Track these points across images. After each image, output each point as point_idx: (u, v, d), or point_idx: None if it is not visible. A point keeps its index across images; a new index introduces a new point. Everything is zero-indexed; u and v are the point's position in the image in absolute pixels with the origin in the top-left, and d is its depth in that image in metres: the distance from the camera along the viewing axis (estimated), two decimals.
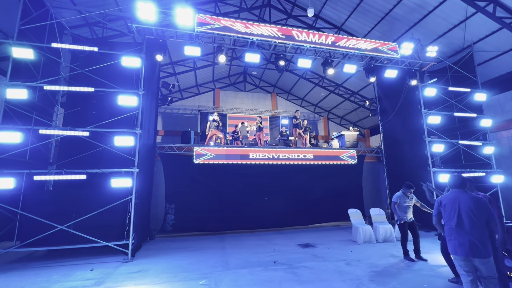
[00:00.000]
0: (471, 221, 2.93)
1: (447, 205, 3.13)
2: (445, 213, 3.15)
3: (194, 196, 8.98)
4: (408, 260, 5.40)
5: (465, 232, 2.94)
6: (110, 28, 8.25)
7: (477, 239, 2.87)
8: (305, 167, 10.12)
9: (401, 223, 5.57)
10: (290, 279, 4.43)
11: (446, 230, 3.14)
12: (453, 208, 3.07)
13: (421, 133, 8.57)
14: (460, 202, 3.05)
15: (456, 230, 3.00)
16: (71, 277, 4.69)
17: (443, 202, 3.20)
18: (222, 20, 7.46)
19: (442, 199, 3.23)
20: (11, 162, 5.73)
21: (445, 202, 3.17)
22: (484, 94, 8.48)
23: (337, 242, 7.27)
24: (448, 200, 3.15)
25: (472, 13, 7.67)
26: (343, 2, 9.34)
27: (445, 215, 3.15)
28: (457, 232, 3.00)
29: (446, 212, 3.14)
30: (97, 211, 5.83)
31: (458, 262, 3.02)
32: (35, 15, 6.37)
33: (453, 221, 3.03)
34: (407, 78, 8.94)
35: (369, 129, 16.74)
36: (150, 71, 7.40)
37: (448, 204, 3.13)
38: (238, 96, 15.94)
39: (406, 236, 5.55)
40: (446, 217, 3.14)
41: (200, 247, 6.97)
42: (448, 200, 3.15)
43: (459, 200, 3.06)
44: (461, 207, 3.02)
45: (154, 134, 8.51)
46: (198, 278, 4.59)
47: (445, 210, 3.15)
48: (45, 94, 6.84)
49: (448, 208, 3.12)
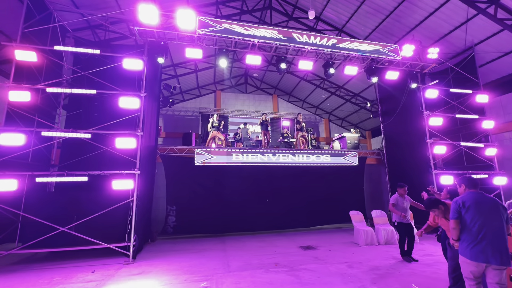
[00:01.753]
0: (498, 225, 2.71)
1: (472, 207, 2.81)
2: (468, 216, 2.82)
3: (195, 198, 8.98)
4: (405, 261, 5.50)
5: (490, 237, 2.68)
6: (112, 30, 8.30)
7: (503, 245, 2.65)
8: (306, 168, 10.10)
9: (398, 223, 5.68)
10: (291, 282, 4.42)
11: (467, 235, 2.80)
12: (478, 211, 2.78)
13: (423, 134, 8.55)
14: (484, 204, 2.80)
15: (480, 235, 2.71)
16: (72, 279, 4.70)
17: (466, 203, 2.85)
18: (224, 23, 7.50)
19: (465, 200, 2.88)
20: (13, 164, 5.75)
21: (469, 204, 2.83)
22: (486, 95, 8.46)
23: (338, 244, 7.25)
24: (472, 202, 2.83)
25: (473, 14, 7.67)
26: (344, 4, 9.36)
27: (468, 217, 2.82)
28: (482, 237, 2.70)
29: (469, 215, 2.81)
30: (98, 213, 5.84)
31: (472, 268, 2.74)
32: (38, 18, 6.43)
33: (478, 224, 2.74)
34: (409, 79, 8.94)
35: (370, 131, 16.70)
36: (152, 73, 7.43)
37: (472, 206, 2.81)
38: (239, 98, 15.97)
39: (404, 236, 5.64)
40: (469, 220, 2.81)
41: (201, 249, 6.96)
42: (472, 201, 2.84)
43: (482, 202, 2.81)
44: (486, 210, 2.77)
45: (156, 136, 8.52)
46: (199, 280, 4.58)
47: (468, 213, 2.82)
48: (47, 97, 6.89)
49: (473, 210, 2.80)
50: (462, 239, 2.87)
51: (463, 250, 2.85)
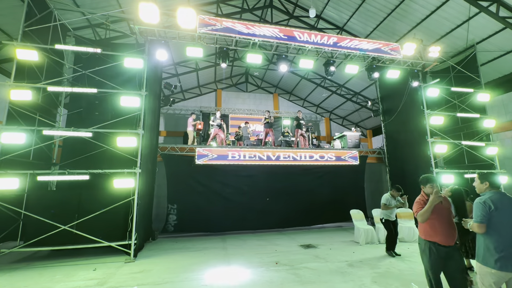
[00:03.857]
0: None
1: (503, 210, 2.50)
2: (498, 220, 2.49)
3: (196, 197, 8.99)
4: (388, 254, 5.90)
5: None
6: (113, 29, 8.30)
7: None
8: (307, 167, 10.10)
9: (385, 220, 6.08)
10: (291, 280, 4.43)
11: (496, 241, 2.47)
12: (509, 214, 2.50)
13: (424, 133, 8.52)
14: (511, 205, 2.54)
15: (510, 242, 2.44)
16: (74, 277, 4.72)
17: (496, 205, 2.51)
18: (224, 21, 7.48)
19: (494, 201, 2.54)
20: (15, 162, 5.78)
21: (499, 206, 2.51)
22: (488, 94, 8.42)
23: (339, 243, 7.25)
24: (503, 204, 2.53)
25: (475, 13, 7.63)
26: (345, 2, 9.33)
27: (498, 221, 2.49)
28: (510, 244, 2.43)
29: (499, 219, 2.49)
30: (99, 211, 5.86)
31: (495, 278, 2.45)
32: (39, 17, 6.43)
33: (508, 229, 2.47)
34: (410, 78, 8.91)
35: (371, 130, 16.69)
36: (153, 72, 7.44)
37: (504, 209, 2.51)
38: (240, 96, 15.96)
39: (391, 232, 6.00)
40: (499, 224, 2.48)
41: (202, 247, 6.98)
42: (502, 203, 2.53)
43: (509, 204, 2.55)
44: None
45: (157, 134, 8.54)
46: (200, 278, 4.60)
47: (499, 216, 2.50)
48: (48, 95, 6.90)
49: (505, 213, 2.50)
50: (487, 247, 2.52)
51: (486, 258, 2.51)
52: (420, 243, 3.17)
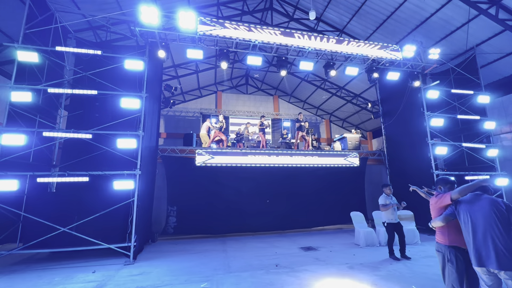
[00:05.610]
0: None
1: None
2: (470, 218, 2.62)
3: (196, 199, 8.98)
4: (392, 259, 5.65)
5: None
6: (114, 31, 8.33)
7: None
8: (307, 169, 10.09)
9: (388, 224, 5.89)
10: (292, 283, 4.40)
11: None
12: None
13: (424, 135, 8.52)
14: None
15: None
16: (73, 279, 4.70)
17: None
18: (225, 23, 7.51)
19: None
20: (15, 164, 5.77)
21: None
22: (487, 96, 8.44)
23: (339, 245, 7.22)
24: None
25: (475, 15, 7.66)
26: (345, 5, 9.36)
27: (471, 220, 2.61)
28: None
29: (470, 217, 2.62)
30: (99, 213, 5.85)
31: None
32: (40, 19, 6.45)
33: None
34: (410, 80, 8.92)
35: (371, 132, 16.67)
36: (153, 74, 7.45)
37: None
38: (240, 98, 15.98)
39: (392, 237, 5.85)
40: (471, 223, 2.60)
41: (202, 249, 6.96)
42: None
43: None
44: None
45: (157, 136, 8.54)
46: (199, 281, 4.57)
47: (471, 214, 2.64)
48: (49, 97, 6.91)
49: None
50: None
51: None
52: (442, 251, 2.69)
